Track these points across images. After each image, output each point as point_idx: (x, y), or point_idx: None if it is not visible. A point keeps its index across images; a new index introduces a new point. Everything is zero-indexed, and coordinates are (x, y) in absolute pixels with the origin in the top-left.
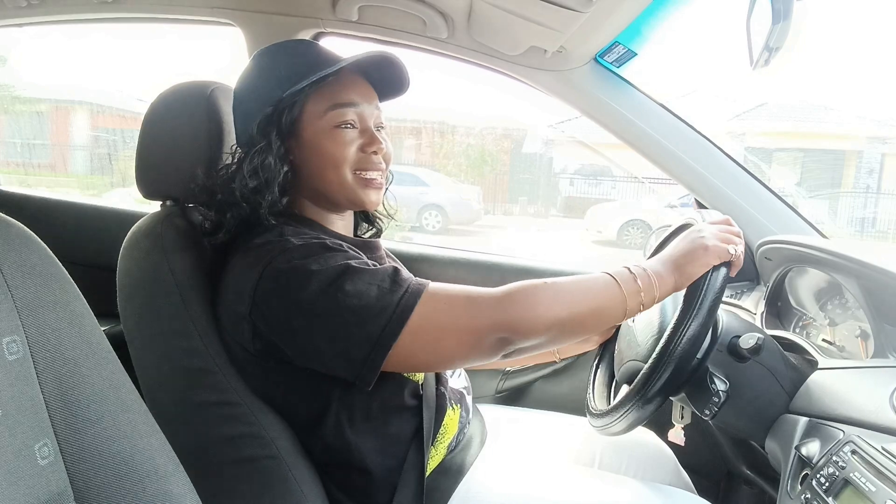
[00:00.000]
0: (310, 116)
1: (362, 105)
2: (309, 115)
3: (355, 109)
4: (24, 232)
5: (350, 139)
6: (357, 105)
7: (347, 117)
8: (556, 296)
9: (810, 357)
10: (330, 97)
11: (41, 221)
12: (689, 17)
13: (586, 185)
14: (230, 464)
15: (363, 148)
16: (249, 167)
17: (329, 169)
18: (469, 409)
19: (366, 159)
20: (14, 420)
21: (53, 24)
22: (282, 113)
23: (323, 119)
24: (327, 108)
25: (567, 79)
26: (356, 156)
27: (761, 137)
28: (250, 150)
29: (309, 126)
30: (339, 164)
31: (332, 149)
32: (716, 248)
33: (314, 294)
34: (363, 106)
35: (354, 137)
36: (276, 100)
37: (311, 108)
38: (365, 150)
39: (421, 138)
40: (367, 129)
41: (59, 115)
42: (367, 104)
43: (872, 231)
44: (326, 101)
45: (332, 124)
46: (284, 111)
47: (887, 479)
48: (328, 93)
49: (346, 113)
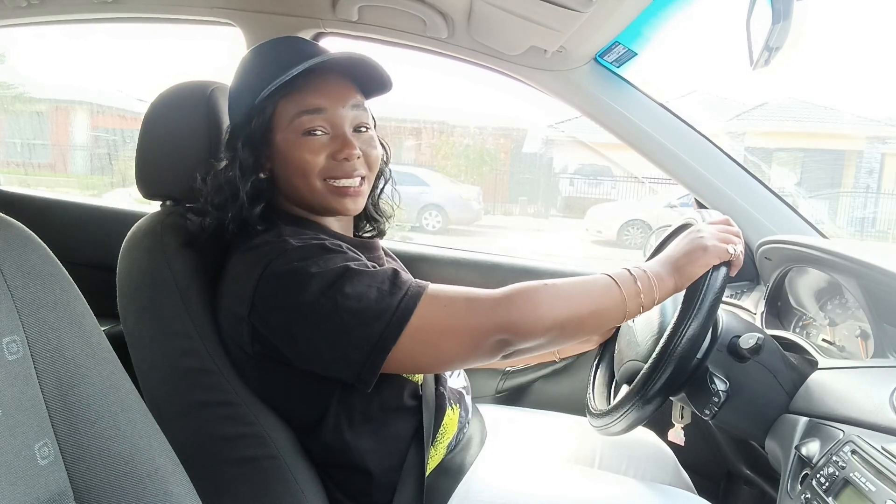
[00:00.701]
0: (279, 123)
1: (333, 109)
2: (278, 121)
3: (323, 115)
4: (24, 232)
5: (318, 146)
6: (324, 111)
7: (314, 123)
8: (556, 297)
9: (810, 357)
10: (298, 103)
11: (41, 221)
12: (690, 17)
13: (586, 185)
14: (230, 464)
15: (333, 155)
16: (214, 183)
17: (297, 177)
18: (468, 408)
19: (336, 167)
20: (14, 420)
21: (53, 24)
22: (252, 121)
23: (290, 126)
24: (294, 114)
25: (567, 79)
26: (325, 163)
27: (761, 137)
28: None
29: (278, 133)
30: (307, 173)
31: (299, 156)
32: (715, 249)
33: (313, 296)
34: (334, 110)
35: (324, 144)
36: (248, 108)
37: (280, 115)
38: (336, 158)
39: (421, 138)
40: (339, 134)
41: (59, 115)
42: (341, 107)
43: (872, 231)
44: (294, 106)
45: (300, 131)
46: (253, 119)
47: (887, 479)
48: (296, 98)
49: (313, 119)
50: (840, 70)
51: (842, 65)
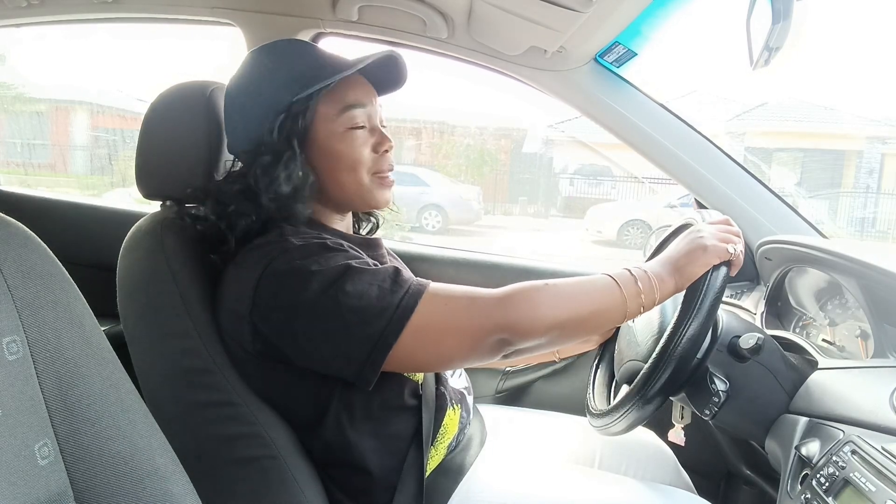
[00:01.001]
0: (322, 120)
1: (369, 105)
2: (321, 118)
3: (364, 110)
4: (24, 232)
5: (363, 141)
6: (365, 105)
7: (358, 119)
8: (557, 297)
9: (810, 357)
10: (340, 99)
11: (41, 221)
12: (690, 17)
13: (586, 185)
14: (230, 464)
15: (375, 148)
16: (285, 173)
17: (345, 172)
18: (469, 409)
19: (380, 160)
20: (14, 420)
21: (53, 24)
22: (296, 118)
23: (336, 122)
24: (339, 110)
25: (567, 79)
26: (370, 157)
27: (761, 137)
28: (277, 157)
29: (321, 130)
30: (356, 167)
31: (347, 152)
32: (715, 248)
33: (315, 295)
34: (370, 106)
35: (366, 138)
36: (287, 104)
37: (323, 112)
38: (377, 150)
39: (421, 138)
40: (375, 128)
41: (59, 115)
42: (372, 104)
43: (872, 231)
44: (337, 103)
45: (345, 127)
46: (298, 116)
47: (887, 479)
48: (338, 95)
49: (357, 115)
50: (840, 70)
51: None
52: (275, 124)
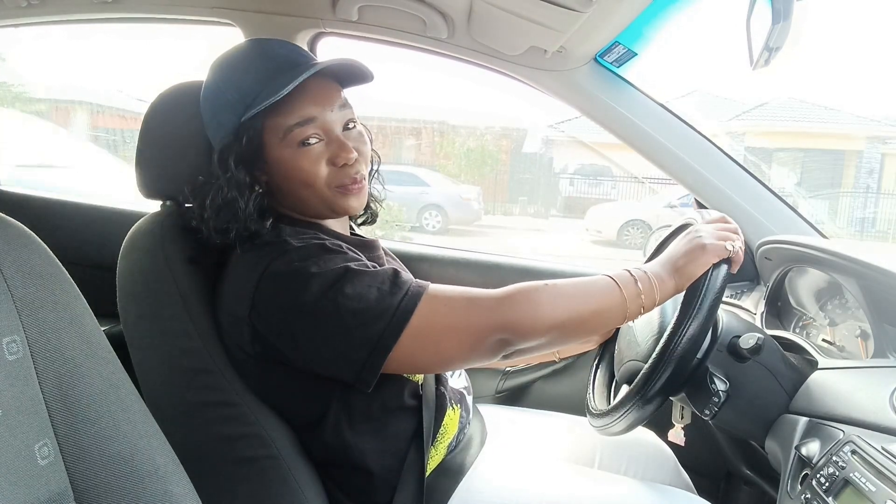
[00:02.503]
0: (271, 138)
1: (324, 114)
2: (269, 136)
3: (316, 123)
4: (24, 232)
5: (316, 155)
6: (316, 119)
7: (308, 133)
8: (557, 298)
9: (810, 357)
10: (287, 115)
11: (41, 221)
12: (690, 17)
13: (586, 185)
14: (230, 464)
15: (332, 161)
16: (213, 205)
17: (302, 188)
18: (469, 409)
19: (338, 173)
20: (14, 420)
21: (53, 24)
22: (241, 139)
23: (285, 140)
24: (287, 128)
25: (567, 79)
26: (327, 171)
27: (761, 137)
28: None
29: (272, 149)
30: (312, 183)
31: (300, 168)
32: (714, 247)
33: (314, 296)
34: (325, 115)
35: (322, 151)
36: (235, 128)
37: (271, 129)
38: (336, 164)
39: (421, 138)
40: (333, 139)
41: (59, 115)
42: (330, 111)
43: (872, 231)
44: (284, 119)
45: (295, 143)
46: (243, 137)
47: (887, 479)
48: (285, 110)
49: (306, 130)
50: (840, 70)
51: (842, 65)
52: (227, 142)
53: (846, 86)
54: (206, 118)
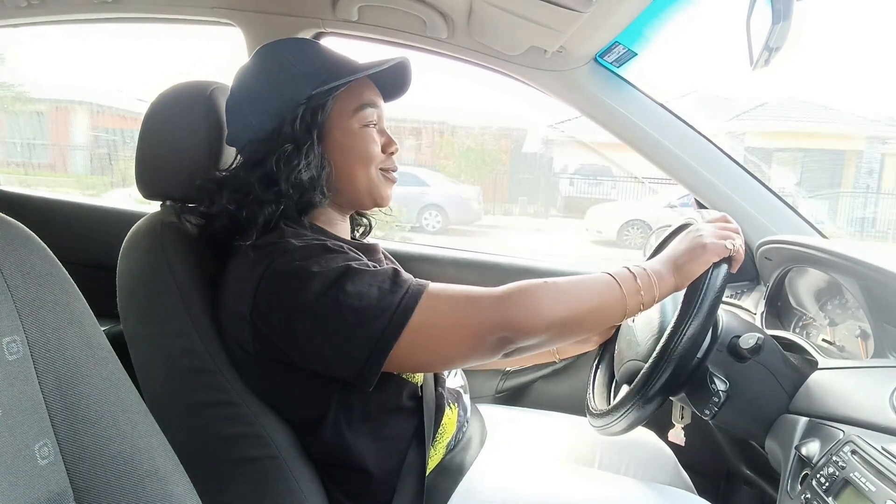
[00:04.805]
0: (338, 116)
1: (381, 105)
2: (337, 114)
3: (376, 110)
4: (24, 232)
5: (374, 138)
6: (377, 106)
7: (372, 118)
8: (557, 295)
9: (810, 357)
10: (357, 97)
11: (41, 221)
12: (690, 17)
13: (586, 185)
14: (230, 464)
15: (384, 148)
16: (305, 161)
17: (358, 167)
18: (467, 407)
19: (387, 160)
20: (14, 420)
21: (53, 24)
22: (315, 111)
23: (352, 119)
24: (356, 107)
25: (567, 79)
26: (380, 155)
27: (761, 137)
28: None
29: (337, 125)
30: (369, 163)
31: (361, 147)
32: (714, 246)
33: (315, 295)
34: (379, 108)
35: (377, 137)
36: (307, 97)
37: (340, 108)
38: (385, 151)
39: (421, 138)
40: (383, 129)
41: (59, 115)
42: (381, 107)
43: (872, 231)
44: (354, 100)
45: (360, 124)
46: (317, 110)
47: (887, 479)
48: (354, 93)
49: (371, 113)
50: (840, 70)
51: (841, 65)
52: (297, 114)
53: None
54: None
